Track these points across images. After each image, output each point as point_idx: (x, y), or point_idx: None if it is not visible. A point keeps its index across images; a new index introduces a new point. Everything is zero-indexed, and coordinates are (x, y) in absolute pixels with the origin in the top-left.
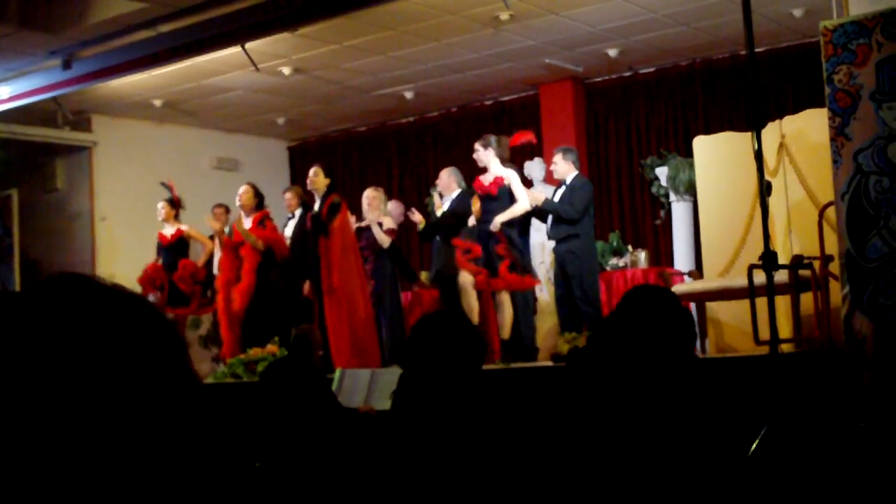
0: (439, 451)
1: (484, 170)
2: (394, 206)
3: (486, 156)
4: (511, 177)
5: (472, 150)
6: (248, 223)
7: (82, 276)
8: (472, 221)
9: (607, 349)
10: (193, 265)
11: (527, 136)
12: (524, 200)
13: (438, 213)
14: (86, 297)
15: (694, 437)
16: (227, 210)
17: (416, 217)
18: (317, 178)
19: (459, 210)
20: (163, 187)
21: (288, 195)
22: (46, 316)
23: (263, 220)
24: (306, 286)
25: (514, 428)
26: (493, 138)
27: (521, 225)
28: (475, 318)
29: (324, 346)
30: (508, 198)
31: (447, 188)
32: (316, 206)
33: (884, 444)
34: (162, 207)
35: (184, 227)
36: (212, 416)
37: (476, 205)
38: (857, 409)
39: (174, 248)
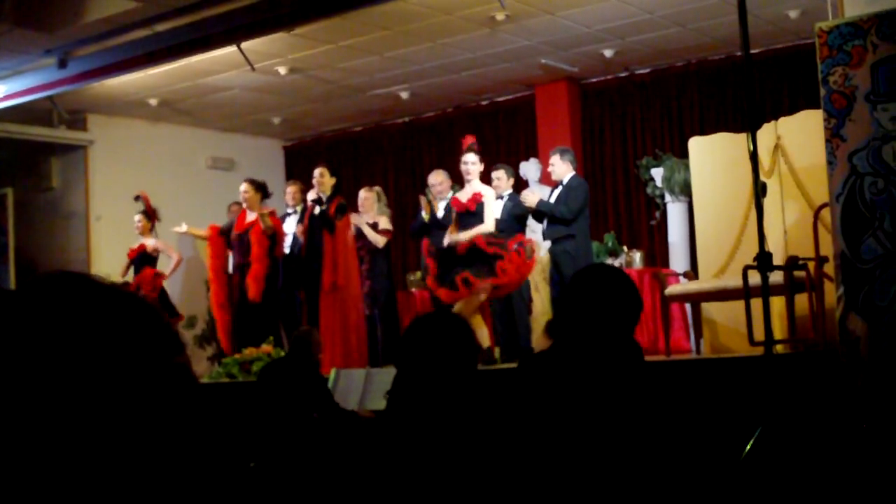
0: (434, 451)
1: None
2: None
3: (478, 170)
4: (487, 195)
5: (462, 160)
6: (251, 217)
7: (78, 275)
8: (446, 240)
9: (564, 342)
10: (152, 273)
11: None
12: (489, 224)
13: (423, 213)
14: (82, 296)
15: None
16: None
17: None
18: (323, 179)
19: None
20: (137, 201)
21: (290, 188)
22: (43, 314)
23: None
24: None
25: (508, 427)
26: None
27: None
28: (484, 340)
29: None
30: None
31: (444, 190)
32: (319, 208)
33: (878, 446)
34: (139, 221)
35: (148, 243)
36: (208, 416)
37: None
38: (851, 410)
39: (139, 262)
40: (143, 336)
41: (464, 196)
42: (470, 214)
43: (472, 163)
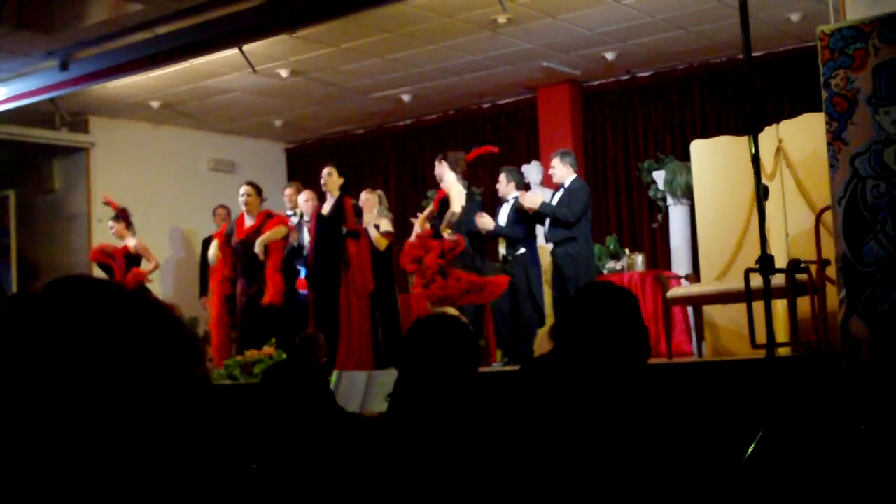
0: (435, 453)
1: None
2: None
3: (440, 169)
4: (451, 190)
5: (434, 162)
6: (249, 222)
7: (104, 281)
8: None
9: (566, 350)
10: (140, 274)
11: (483, 150)
12: (457, 207)
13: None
14: (109, 303)
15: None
16: (229, 211)
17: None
18: (330, 178)
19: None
20: (105, 206)
21: (288, 191)
22: (70, 319)
23: (267, 217)
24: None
25: (509, 429)
26: (450, 154)
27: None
28: None
29: (334, 348)
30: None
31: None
32: (326, 207)
33: (880, 448)
34: (112, 227)
35: (130, 244)
36: (218, 418)
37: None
38: (853, 413)
39: (126, 264)
40: (166, 345)
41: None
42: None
43: (436, 169)
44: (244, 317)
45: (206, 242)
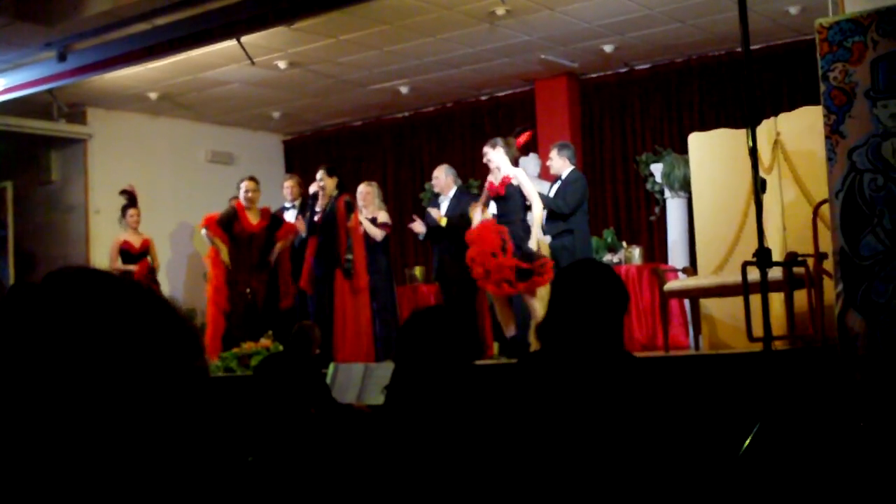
0: (432, 446)
1: (486, 170)
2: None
3: (496, 156)
4: (519, 175)
5: (477, 151)
6: (254, 217)
7: (104, 273)
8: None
9: (552, 344)
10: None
11: (527, 136)
12: (537, 202)
13: (443, 222)
14: (109, 295)
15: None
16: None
17: (418, 227)
18: (323, 182)
19: (463, 211)
20: (126, 195)
21: (288, 183)
22: (73, 310)
23: (276, 216)
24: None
25: (506, 422)
26: (500, 139)
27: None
28: (509, 330)
29: (332, 343)
30: (519, 196)
31: (446, 187)
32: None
33: (876, 442)
34: (135, 214)
35: (146, 237)
36: (215, 411)
37: (476, 211)
38: (849, 406)
39: (141, 257)
40: (166, 337)
41: (496, 180)
42: (500, 198)
43: (483, 156)
44: (246, 312)
45: None
